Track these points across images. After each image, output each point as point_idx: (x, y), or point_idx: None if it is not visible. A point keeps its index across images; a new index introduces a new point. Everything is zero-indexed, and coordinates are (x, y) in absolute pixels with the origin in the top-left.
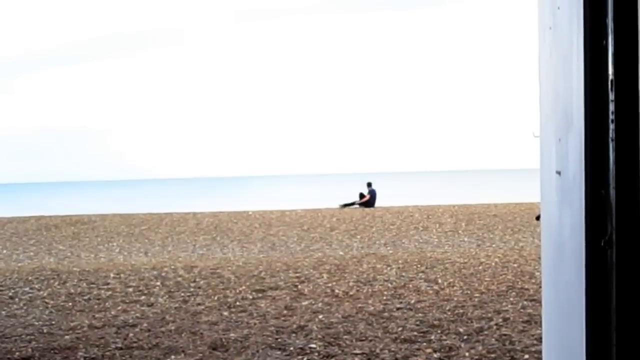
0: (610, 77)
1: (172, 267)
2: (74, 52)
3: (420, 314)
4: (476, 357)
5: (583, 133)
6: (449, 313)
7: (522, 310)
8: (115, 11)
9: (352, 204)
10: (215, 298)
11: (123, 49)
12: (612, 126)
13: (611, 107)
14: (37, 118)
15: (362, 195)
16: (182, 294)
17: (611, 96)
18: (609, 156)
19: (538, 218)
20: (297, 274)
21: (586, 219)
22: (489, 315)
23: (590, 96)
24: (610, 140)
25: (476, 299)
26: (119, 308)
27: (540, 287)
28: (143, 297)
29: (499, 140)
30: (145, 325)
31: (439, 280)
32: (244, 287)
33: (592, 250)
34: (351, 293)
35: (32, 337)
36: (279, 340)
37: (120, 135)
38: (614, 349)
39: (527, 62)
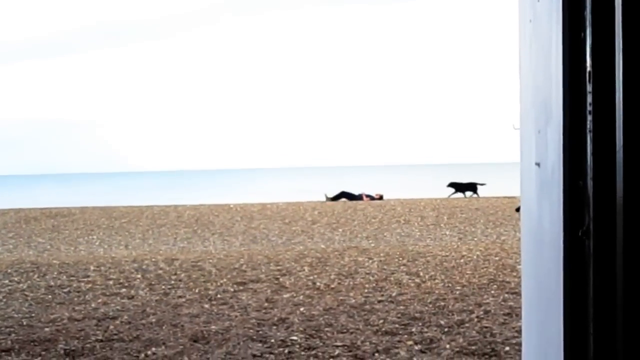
0: (588, 69)
1: (153, 259)
2: (62, 42)
3: (401, 307)
4: (457, 349)
5: (562, 125)
6: (430, 306)
7: (503, 302)
8: (105, 2)
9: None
10: (196, 291)
11: (111, 40)
12: (589, 117)
13: (589, 98)
14: (22, 110)
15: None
16: (163, 287)
17: (589, 88)
18: (587, 148)
19: (518, 210)
20: (279, 267)
21: (564, 209)
22: (470, 307)
23: (568, 88)
24: (588, 131)
25: (457, 292)
26: (99, 300)
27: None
28: (123, 289)
29: (481, 133)
30: (125, 317)
31: (421, 273)
32: (225, 280)
33: (570, 240)
34: (332, 286)
35: (12, 329)
36: (260, 332)
37: (105, 127)
38: (592, 338)
39: (508, 55)
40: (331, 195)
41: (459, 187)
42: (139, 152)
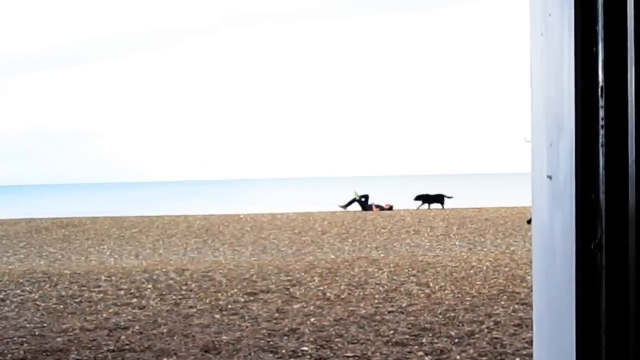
0: (601, 83)
1: (164, 270)
2: (67, 53)
3: (411, 318)
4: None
5: (574, 138)
6: (441, 316)
7: (513, 313)
8: (110, 13)
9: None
10: (207, 301)
11: (117, 51)
12: (602, 132)
13: (601, 113)
14: (30, 119)
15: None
16: (174, 297)
17: (601, 102)
18: (599, 161)
19: (529, 222)
20: (289, 277)
21: (576, 222)
22: (480, 318)
23: (580, 102)
24: (600, 145)
25: (467, 303)
26: (111, 311)
27: (531, 290)
28: (135, 299)
29: (490, 144)
30: (137, 327)
31: (431, 284)
32: (235, 290)
33: (583, 253)
34: (343, 296)
35: (24, 339)
36: (271, 343)
37: (112, 137)
38: (604, 351)
39: (519, 68)
40: (345, 202)
41: (425, 198)
42: (146, 163)
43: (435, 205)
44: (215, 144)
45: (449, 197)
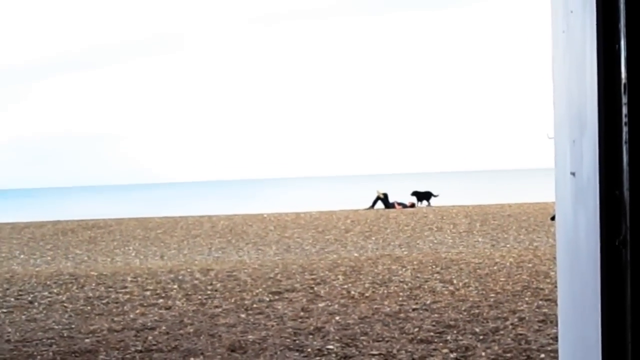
0: (623, 80)
1: (189, 270)
2: (86, 58)
3: (436, 315)
4: (492, 356)
5: (597, 135)
6: (465, 313)
7: (537, 309)
8: (127, 17)
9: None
10: (232, 300)
11: (132, 54)
12: (625, 129)
13: (624, 110)
14: (52, 124)
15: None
16: (200, 297)
17: (624, 99)
18: (623, 158)
19: (553, 218)
20: (313, 276)
21: (601, 219)
22: (505, 315)
23: (603, 99)
24: (623, 142)
25: (491, 299)
26: (138, 311)
27: (556, 286)
28: (161, 300)
29: (512, 140)
30: (164, 328)
31: (454, 281)
32: (260, 290)
33: (607, 249)
34: (367, 294)
35: (53, 340)
36: (297, 341)
37: (133, 140)
38: (630, 347)
39: (541, 64)
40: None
41: (419, 195)
42: (167, 164)
43: (431, 202)
44: (236, 144)
45: (435, 196)
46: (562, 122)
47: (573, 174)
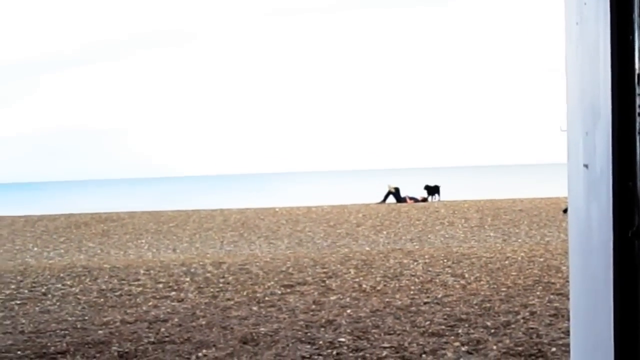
0: (637, 71)
1: (201, 263)
2: (93, 52)
3: (447, 308)
4: (504, 350)
5: (610, 127)
6: (476, 307)
7: (548, 304)
8: (133, 11)
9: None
10: (244, 293)
11: (142, 47)
12: (638, 119)
13: (638, 100)
14: (60, 118)
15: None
16: (212, 290)
17: (638, 90)
18: (636, 149)
19: (565, 211)
20: (325, 270)
21: (614, 211)
22: (516, 309)
23: (617, 91)
24: (637, 133)
25: (503, 293)
26: (150, 304)
27: (567, 281)
28: (173, 292)
29: (524, 135)
30: (176, 320)
31: (466, 275)
32: (272, 283)
33: (620, 241)
34: (378, 288)
35: (67, 332)
36: (309, 334)
37: (141, 134)
38: None
39: (553, 57)
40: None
41: (430, 190)
42: (176, 158)
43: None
44: (245, 138)
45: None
46: (575, 114)
47: (586, 166)
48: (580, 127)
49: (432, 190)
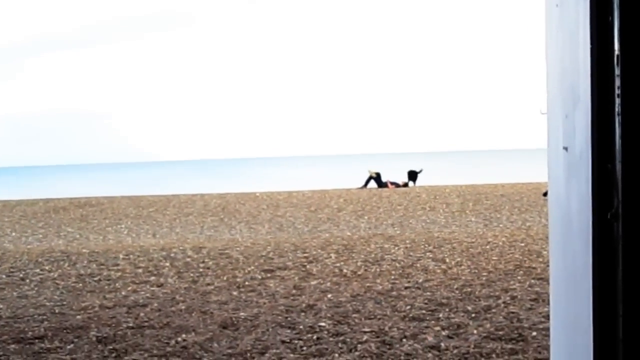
0: (617, 52)
1: (181, 248)
2: (78, 36)
3: (428, 293)
4: (484, 334)
5: (590, 108)
6: (457, 292)
7: (529, 288)
8: None
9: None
10: (225, 278)
11: (124, 33)
12: (618, 101)
13: (617, 82)
14: (42, 101)
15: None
16: (192, 275)
17: (617, 71)
18: (615, 130)
19: (545, 194)
20: (305, 255)
21: (593, 193)
22: (497, 293)
23: (596, 72)
24: (616, 114)
25: (484, 278)
26: (129, 288)
27: (548, 265)
28: (153, 277)
29: (507, 120)
30: (155, 305)
31: (447, 260)
32: (252, 268)
33: (599, 223)
34: (359, 273)
35: (44, 317)
36: (289, 319)
37: (123, 118)
38: (621, 320)
39: (533, 41)
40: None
41: (411, 175)
42: (158, 142)
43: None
44: (227, 123)
45: (419, 171)
46: (555, 97)
47: (565, 148)
48: (560, 110)
49: (413, 175)
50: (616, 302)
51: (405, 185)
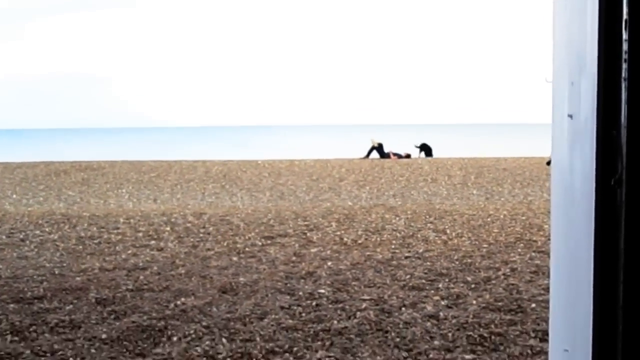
0: (625, 16)
1: (182, 213)
2: (77, 0)
3: (428, 263)
4: (483, 305)
5: (596, 74)
6: (457, 262)
7: (529, 261)
8: None
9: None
10: (225, 244)
11: None
12: (624, 65)
13: (624, 46)
14: (44, 64)
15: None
16: (192, 240)
17: (625, 36)
18: (621, 96)
19: (549, 163)
20: (306, 223)
21: (597, 159)
22: (497, 265)
23: (604, 37)
24: (622, 79)
25: (484, 250)
26: (129, 252)
27: (549, 238)
28: (153, 241)
29: (513, 94)
30: (155, 268)
31: (447, 231)
32: (253, 234)
33: (602, 189)
34: (360, 241)
35: (44, 278)
36: (288, 285)
37: (126, 83)
38: (622, 287)
39: (542, 16)
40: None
41: (424, 148)
42: (160, 108)
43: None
44: (230, 90)
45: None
46: (561, 65)
47: (570, 116)
48: (566, 77)
49: (428, 149)
50: (618, 274)
51: (408, 156)
